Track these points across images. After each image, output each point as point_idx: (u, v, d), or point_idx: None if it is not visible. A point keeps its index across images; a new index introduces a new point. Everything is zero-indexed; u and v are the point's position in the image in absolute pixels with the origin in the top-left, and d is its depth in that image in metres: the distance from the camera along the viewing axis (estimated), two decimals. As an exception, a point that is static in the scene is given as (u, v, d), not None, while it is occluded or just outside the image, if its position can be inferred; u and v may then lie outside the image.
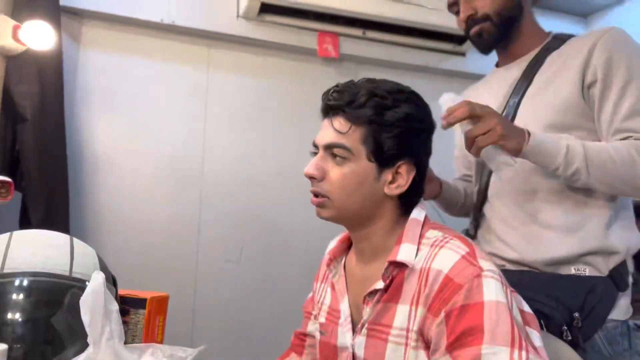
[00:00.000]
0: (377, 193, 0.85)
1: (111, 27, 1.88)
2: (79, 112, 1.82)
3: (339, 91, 0.86)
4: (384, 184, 0.85)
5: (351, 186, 0.84)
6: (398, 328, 0.81)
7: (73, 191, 1.72)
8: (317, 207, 0.89)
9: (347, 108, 0.84)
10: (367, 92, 0.83)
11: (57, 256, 0.84)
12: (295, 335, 1.10)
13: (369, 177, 0.84)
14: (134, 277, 1.11)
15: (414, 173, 0.85)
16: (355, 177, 0.84)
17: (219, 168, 1.97)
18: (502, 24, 1.14)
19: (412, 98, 0.86)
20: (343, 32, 2.05)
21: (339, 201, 0.85)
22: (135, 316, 1.03)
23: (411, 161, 0.85)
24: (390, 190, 0.85)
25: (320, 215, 0.89)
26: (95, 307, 0.69)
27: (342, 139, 0.84)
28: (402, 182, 0.85)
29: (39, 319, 0.78)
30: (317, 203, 0.87)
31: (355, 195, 0.85)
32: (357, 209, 0.86)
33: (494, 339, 0.70)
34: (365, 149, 0.83)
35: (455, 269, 0.75)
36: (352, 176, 0.84)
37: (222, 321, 1.92)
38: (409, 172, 0.85)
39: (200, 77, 1.98)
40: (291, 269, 2.00)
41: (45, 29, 1.46)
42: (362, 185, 0.84)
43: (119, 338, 0.70)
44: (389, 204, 0.87)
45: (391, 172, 0.85)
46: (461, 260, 0.76)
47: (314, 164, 0.86)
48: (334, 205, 0.86)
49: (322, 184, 0.86)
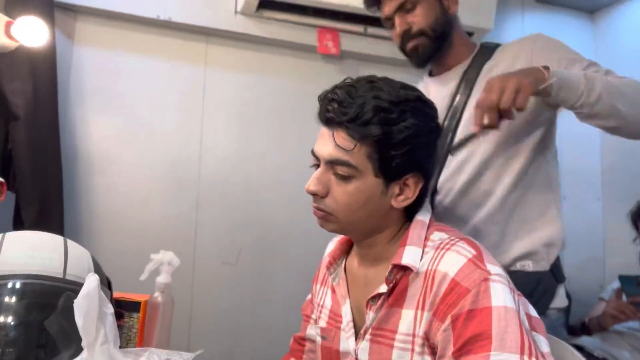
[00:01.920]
0: (383, 206, 0.84)
1: (106, 23, 1.88)
2: (73, 110, 1.82)
3: (339, 102, 0.80)
4: (391, 197, 0.84)
5: (358, 203, 0.82)
6: (404, 333, 0.80)
7: (67, 191, 1.72)
8: (319, 220, 0.87)
9: (350, 124, 0.79)
10: (372, 107, 0.78)
11: (50, 258, 0.84)
12: (294, 339, 1.10)
13: (376, 192, 0.82)
14: (129, 280, 1.11)
15: (422, 184, 0.85)
16: (361, 195, 0.82)
17: (217, 168, 1.97)
18: (436, 38, 1.23)
19: (418, 107, 0.82)
20: (344, 28, 2.05)
21: (344, 218, 0.84)
22: (129, 320, 1.03)
23: (419, 173, 0.84)
24: (397, 203, 0.84)
25: (324, 227, 0.87)
26: (89, 311, 0.68)
27: (347, 156, 0.80)
28: (410, 194, 0.84)
29: (32, 323, 0.78)
30: (321, 217, 0.86)
31: (362, 212, 0.83)
32: (364, 223, 0.85)
33: (503, 345, 0.69)
34: (371, 164, 0.81)
35: (462, 273, 0.75)
36: (358, 194, 0.81)
37: (219, 325, 1.92)
38: (417, 184, 0.84)
39: (197, 75, 1.98)
40: (290, 272, 1.99)
41: (38, 25, 1.46)
42: (369, 202, 0.82)
43: (113, 342, 0.70)
44: (394, 214, 0.87)
45: (398, 185, 0.84)
46: (468, 264, 0.76)
47: (316, 179, 0.83)
48: (339, 221, 0.85)
49: (326, 201, 0.83)
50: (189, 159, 1.95)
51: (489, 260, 0.77)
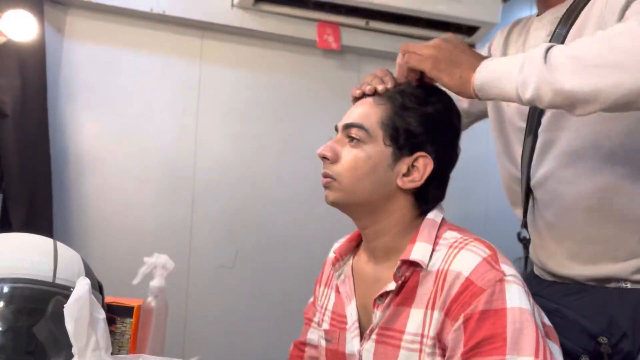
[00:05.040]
0: (389, 183, 0.85)
1: (97, 16, 1.88)
2: (63, 107, 1.82)
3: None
4: (398, 175, 0.85)
5: (362, 170, 0.85)
6: (412, 334, 0.80)
7: (57, 192, 1.72)
8: (325, 190, 0.89)
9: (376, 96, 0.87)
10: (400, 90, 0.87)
11: (39, 261, 0.84)
12: (294, 345, 1.10)
13: (383, 163, 0.85)
14: (122, 284, 1.11)
15: (431, 168, 0.85)
16: (367, 161, 0.85)
17: (212, 167, 1.97)
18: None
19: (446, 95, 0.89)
20: (344, 22, 2.05)
21: (347, 184, 0.86)
22: (122, 325, 1.03)
23: (430, 154, 0.85)
24: (403, 184, 0.85)
25: (328, 200, 0.89)
26: (80, 316, 0.68)
27: (361, 118, 0.85)
28: (417, 176, 0.85)
29: (21, 328, 0.78)
30: (325, 183, 0.88)
31: (366, 181, 0.85)
32: (366, 196, 0.86)
33: (517, 348, 0.70)
34: (383, 132, 0.84)
35: (477, 272, 0.75)
36: (365, 159, 0.85)
37: (215, 330, 1.92)
38: (426, 166, 0.85)
39: (192, 71, 1.98)
40: (289, 275, 1.99)
41: (27, 18, 1.46)
42: (374, 171, 0.85)
43: (105, 348, 0.70)
44: (402, 199, 0.87)
45: (407, 164, 0.85)
46: (483, 263, 0.76)
47: (329, 145, 0.88)
48: (341, 187, 0.86)
49: (333, 166, 0.87)
50: (183, 157, 1.95)
51: (504, 261, 0.78)
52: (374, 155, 0.85)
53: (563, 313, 0.92)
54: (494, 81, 0.80)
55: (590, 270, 0.92)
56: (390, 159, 0.85)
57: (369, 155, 0.85)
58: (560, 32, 0.96)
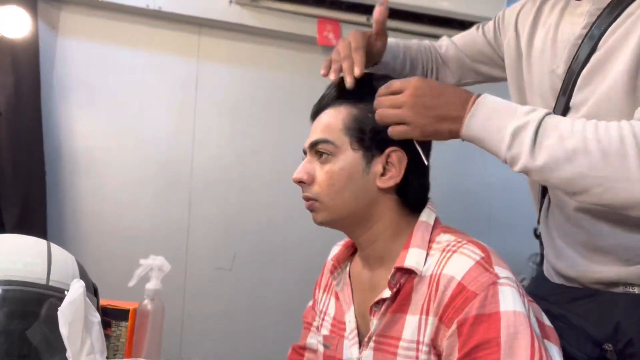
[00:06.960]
0: (369, 188, 0.85)
1: (92, 13, 1.88)
2: (57, 105, 1.82)
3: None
4: (375, 177, 0.85)
5: (340, 183, 0.85)
6: (407, 340, 0.81)
7: (51, 192, 1.72)
8: (312, 213, 0.90)
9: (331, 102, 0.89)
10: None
11: (33, 263, 0.84)
12: (293, 349, 1.10)
13: (357, 169, 0.85)
14: (117, 287, 1.11)
15: (406, 160, 0.85)
16: (342, 172, 0.85)
17: (210, 167, 1.97)
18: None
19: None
20: (345, 19, 2.05)
21: (329, 202, 0.86)
22: (117, 329, 1.03)
23: (400, 147, 0.85)
24: (382, 183, 0.85)
25: (315, 221, 0.89)
26: (74, 319, 0.68)
27: (324, 133, 0.86)
28: (395, 172, 0.85)
29: (13, 332, 0.77)
30: (308, 206, 0.89)
31: (346, 193, 0.85)
32: (351, 207, 0.86)
33: (512, 354, 0.70)
34: (348, 138, 0.85)
35: (469, 276, 0.75)
36: (338, 172, 0.85)
37: (212, 333, 1.92)
38: (401, 160, 0.85)
39: (189, 68, 1.98)
40: (288, 277, 2.00)
41: (20, 15, 1.46)
42: (351, 180, 0.85)
43: (100, 352, 0.70)
44: (386, 201, 0.87)
45: (381, 162, 0.85)
46: (476, 267, 0.76)
47: (301, 168, 0.89)
48: (324, 206, 0.86)
49: (311, 188, 0.87)
50: (180, 157, 1.95)
51: (498, 263, 0.78)
52: (346, 165, 0.85)
53: (568, 319, 0.92)
54: (483, 141, 0.79)
55: (599, 273, 0.92)
56: (364, 163, 0.85)
57: (341, 166, 0.85)
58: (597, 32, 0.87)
